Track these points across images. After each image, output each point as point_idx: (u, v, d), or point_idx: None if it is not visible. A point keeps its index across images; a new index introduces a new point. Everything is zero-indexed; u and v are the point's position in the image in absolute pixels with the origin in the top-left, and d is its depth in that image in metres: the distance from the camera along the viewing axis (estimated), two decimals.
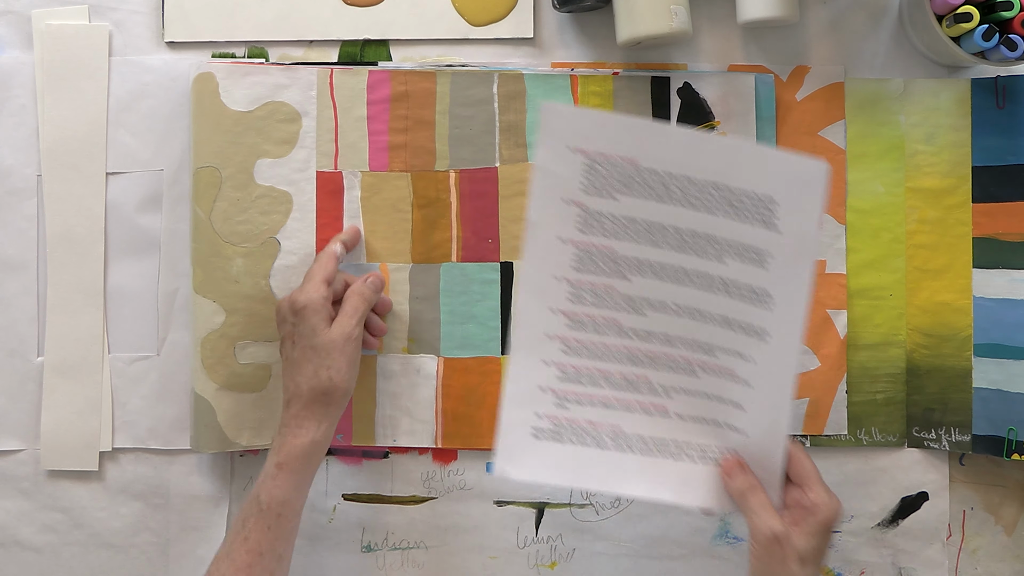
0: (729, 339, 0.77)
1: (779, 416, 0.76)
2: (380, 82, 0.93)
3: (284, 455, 0.82)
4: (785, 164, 0.72)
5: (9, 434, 0.95)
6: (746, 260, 0.74)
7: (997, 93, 0.92)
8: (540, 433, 0.79)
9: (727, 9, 0.93)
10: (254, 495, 0.81)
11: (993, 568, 0.93)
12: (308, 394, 0.83)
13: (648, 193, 0.74)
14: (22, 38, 0.96)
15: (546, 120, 0.74)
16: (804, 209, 0.72)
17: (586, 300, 0.77)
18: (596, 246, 0.76)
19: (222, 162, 0.91)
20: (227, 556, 0.79)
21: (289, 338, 0.85)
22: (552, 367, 0.79)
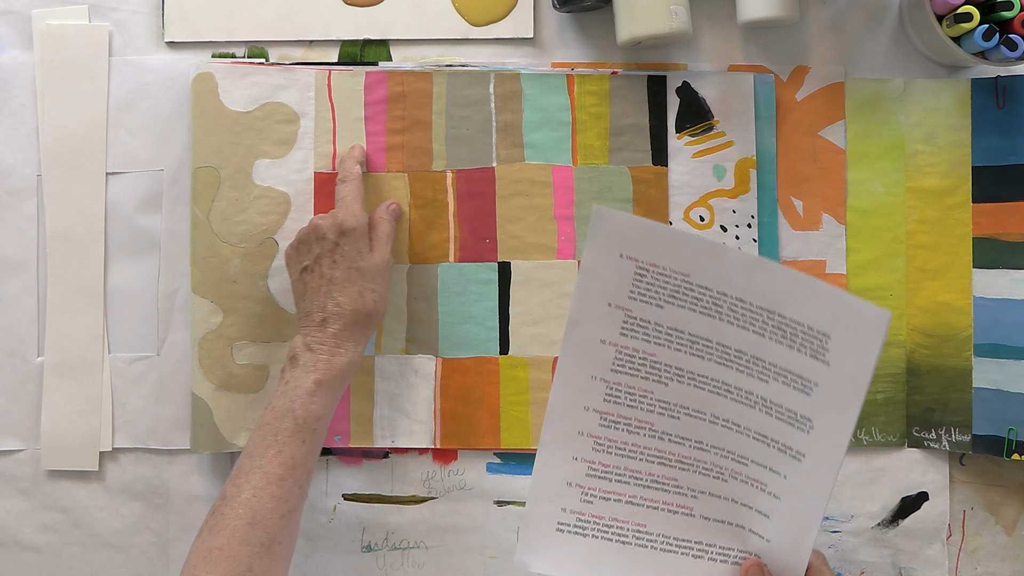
0: (763, 453, 0.76)
1: (806, 532, 0.76)
2: (377, 83, 0.93)
3: (323, 373, 0.81)
4: (846, 306, 0.71)
5: (9, 434, 0.95)
6: (790, 385, 0.74)
7: (997, 93, 0.92)
8: (564, 527, 0.80)
9: (727, 9, 0.93)
10: (285, 409, 0.80)
11: (993, 568, 0.93)
12: (351, 315, 0.83)
13: (697, 307, 0.74)
14: (22, 38, 0.96)
15: (597, 224, 0.73)
16: (859, 351, 0.71)
17: (622, 401, 0.77)
18: (637, 350, 0.76)
19: (220, 162, 0.91)
20: (259, 468, 0.78)
21: (328, 256, 0.84)
22: (582, 463, 0.79)
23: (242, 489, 0.77)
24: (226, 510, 0.76)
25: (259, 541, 0.76)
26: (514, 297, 0.93)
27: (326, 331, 0.83)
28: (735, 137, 0.92)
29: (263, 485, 0.77)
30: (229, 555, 0.75)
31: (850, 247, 0.93)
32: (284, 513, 0.78)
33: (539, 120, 0.93)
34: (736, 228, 0.92)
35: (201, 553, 0.75)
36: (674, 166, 0.93)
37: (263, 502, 0.77)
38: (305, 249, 0.85)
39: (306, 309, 0.84)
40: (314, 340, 0.83)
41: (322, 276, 0.84)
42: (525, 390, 0.93)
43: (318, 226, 0.84)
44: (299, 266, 0.86)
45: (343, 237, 0.84)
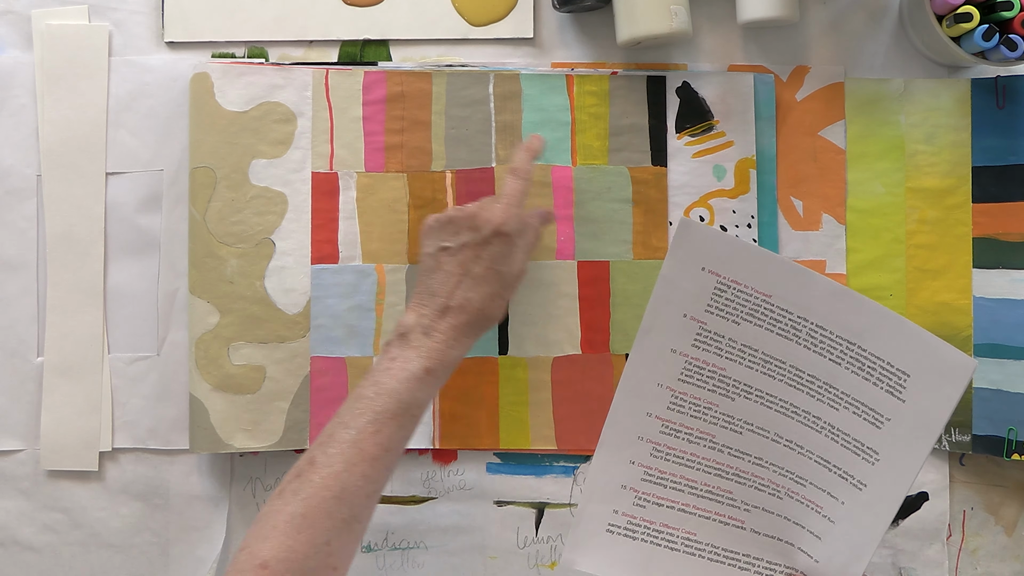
0: (823, 477, 0.77)
1: (857, 560, 0.76)
2: (376, 83, 0.93)
3: (436, 362, 0.79)
4: (932, 349, 0.72)
5: (9, 434, 0.95)
6: (861, 416, 0.75)
7: (997, 93, 0.92)
8: (615, 529, 0.80)
9: (727, 9, 0.93)
10: (391, 389, 0.77)
11: (993, 568, 0.93)
12: (476, 315, 0.81)
13: (775, 328, 0.75)
14: (22, 38, 0.96)
15: (682, 235, 0.73)
16: (939, 395, 0.72)
17: (685, 410, 0.78)
18: (708, 363, 0.77)
19: (217, 162, 0.91)
20: (354, 443, 0.76)
21: (474, 249, 0.81)
22: (639, 467, 0.79)
23: (334, 460, 0.75)
24: (315, 477, 0.74)
25: (342, 516, 0.74)
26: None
27: (446, 320, 0.80)
28: (735, 137, 0.92)
29: (356, 461, 0.75)
30: (312, 523, 0.72)
31: (850, 247, 0.93)
32: (370, 493, 0.76)
33: (539, 120, 0.93)
34: (736, 228, 0.92)
35: (283, 515, 0.73)
36: (674, 166, 0.93)
37: (354, 478, 0.75)
38: (453, 230, 0.82)
39: (431, 289, 0.82)
40: (432, 325, 0.80)
41: (462, 266, 0.82)
42: (524, 390, 0.93)
43: (476, 217, 0.82)
44: (439, 243, 0.83)
45: (497, 238, 0.81)
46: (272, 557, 0.70)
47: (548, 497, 0.94)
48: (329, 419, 0.91)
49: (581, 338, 0.93)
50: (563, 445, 0.93)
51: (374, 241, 0.93)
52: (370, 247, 0.93)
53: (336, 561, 0.74)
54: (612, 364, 0.93)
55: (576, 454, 0.94)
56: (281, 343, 0.92)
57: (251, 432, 0.92)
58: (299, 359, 0.92)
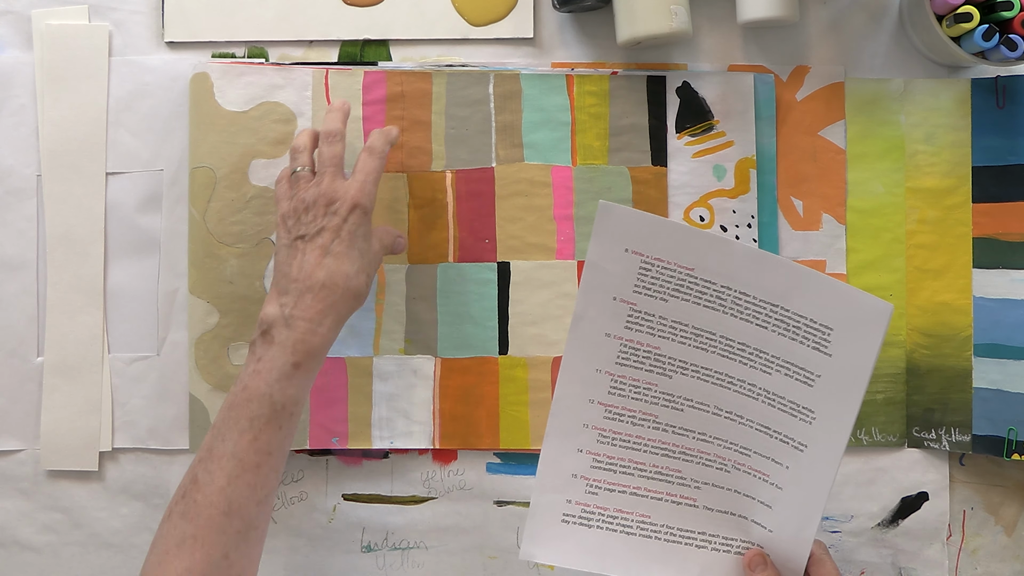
0: (765, 444, 0.78)
1: (808, 522, 0.77)
2: (376, 83, 0.93)
3: (302, 355, 0.77)
4: (849, 299, 0.73)
5: (9, 434, 0.95)
6: (793, 376, 0.75)
7: (997, 93, 0.92)
8: (569, 518, 0.80)
9: (727, 9, 0.93)
10: (261, 393, 0.76)
11: (993, 568, 0.93)
12: (341, 293, 0.79)
13: (701, 300, 0.75)
14: (22, 38, 0.96)
15: (602, 219, 0.74)
16: (861, 343, 0.73)
17: (626, 393, 0.78)
18: (642, 344, 0.77)
19: (216, 162, 0.91)
20: (233, 455, 0.75)
21: (333, 231, 0.80)
22: (587, 455, 0.80)
23: (215, 476, 0.74)
24: (199, 497, 0.74)
25: (235, 529, 0.74)
26: (513, 297, 0.93)
27: (307, 303, 0.78)
28: (735, 137, 0.92)
29: (238, 473, 0.75)
30: (204, 543, 0.73)
31: (850, 247, 0.93)
32: (260, 499, 0.75)
33: (538, 120, 0.93)
34: (736, 228, 0.92)
35: (174, 539, 0.73)
36: (674, 166, 0.93)
37: (239, 490, 0.74)
38: (308, 218, 0.81)
39: (290, 275, 0.80)
40: (294, 313, 0.78)
41: (321, 248, 0.80)
42: (524, 390, 0.93)
43: (332, 195, 0.81)
44: (296, 233, 0.81)
45: (352, 213, 0.80)
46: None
47: None
48: (329, 420, 0.92)
49: None
50: None
51: None
52: None
53: (239, 570, 0.74)
54: None
55: None
56: None
57: None
58: None
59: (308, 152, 0.86)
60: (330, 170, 0.83)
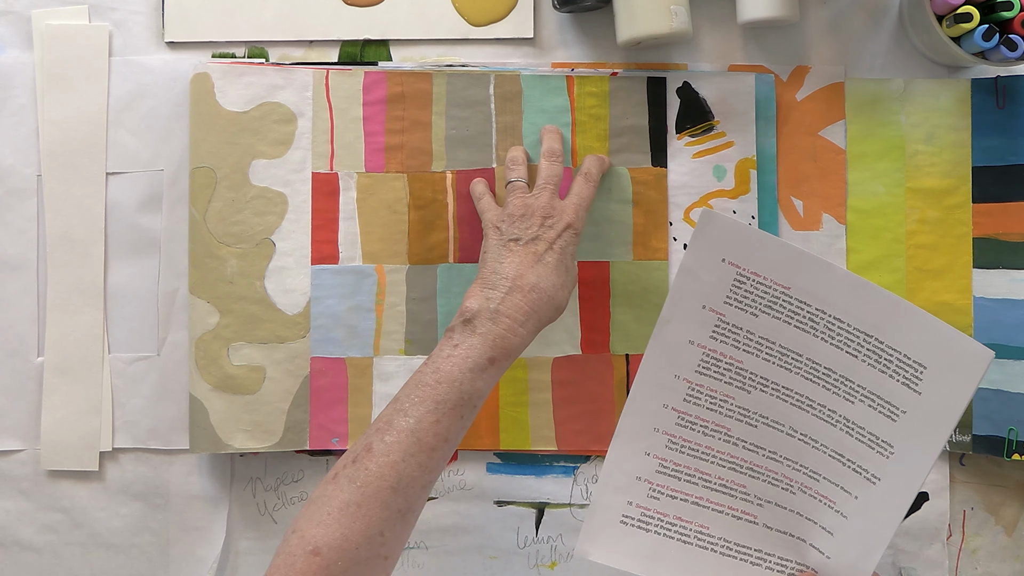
0: (837, 472, 0.77)
1: (870, 554, 0.76)
2: (376, 83, 0.93)
3: (500, 351, 0.78)
4: (948, 340, 0.72)
5: (9, 434, 0.95)
6: (876, 409, 0.75)
7: (997, 93, 0.92)
8: (628, 520, 0.80)
9: (727, 9, 0.93)
10: (453, 379, 0.76)
11: (993, 568, 0.93)
12: (546, 300, 0.80)
13: (793, 320, 0.75)
14: (22, 38, 0.96)
15: (703, 227, 0.74)
16: (955, 386, 0.72)
17: (702, 403, 0.78)
18: (725, 355, 0.77)
19: (217, 163, 0.91)
20: (413, 433, 0.74)
21: (547, 242, 0.82)
22: (654, 459, 0.80)
23: (392, 449, 0.74)
24: (371, 466, 0.73)
25: (398, 507, 0.73)
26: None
27: (515, 302, 0.79)
28: (735, 137, 0.92)
29: (415, 452, 0.74)
30: (367, 513, 0.72)
31: (850, 247, 0.93)
32: (426, 483, 0.75)
33: (539, 121, 0.93)
34: None
35: (337, 502, 0.72)
36: (674, 166, 0.93)
37: (411, 469, 0.74)
38: (525, 225, 0.83)
39: (500, 272, 0.81)
40: (500, 308, 0.79)
41: (535, 254, 0.82)
42: (524, 391, 0.93)
43: (550, 210, 0.83)
44: (509, 236, 0.83)
45: (567, 231, 0.83)
46: (325, 544, 0.70)
47: (548, 497, 0.94)
48: (329, 421, 0.92)
49: (581, 338, 0.93)
50: (563, 446, 0.93)
51: (374, 242, 0.93)
52: (370, 248, 0.93)
53: (388, 551, 0.73)
54: (612, 365, 0.93)
55: (576, 454, 0.94)
56: (281, 343, 0.92)
57: (251, 432, 0.92)
58: (299, 359, 0.92)
59: (524, 166, 0.89)
60: (550, 187, 0.85)
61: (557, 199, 0.85)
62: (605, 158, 0.91)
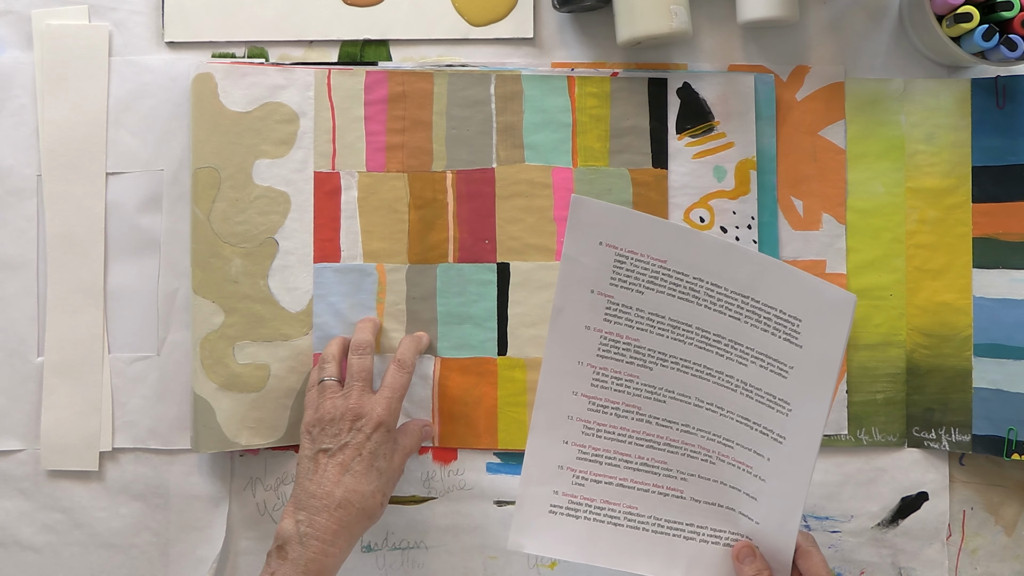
0: (747, 436, 0.78)
1: (791, 515, 0.77)
2: (377, 83, 0.93)
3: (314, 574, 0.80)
4: (814, 290, 0.73)
5: (9, 434, 0.95)
6: (767, 368, 0.76)
7: (997, 93, 0.92)
8: (557, 509, 0.81)
9: (727, 9, 0.93)
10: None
11: (993, 568, 0.93)
12: (356, 514, 0.82)
13: (675, 292, 0.76)
14: (22, 38, 0.96)
15: (575, 213, 0.75)
16: (829, 335, 0.73)
17: (608, 385, 0.79)
18: (621, 336, 0.78)
19: (220, 162, 0.91)
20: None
21: (355, 449, 0.83)
22: (572, 447, 0.80)
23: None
24: None
25: None
26: (513, 298, 0.93)
27: (323, 523, 0.81)
28: (735, 138, 0.92)
29: None
30: None
31: (850, 247, 0.93)
32: None
33: (539, 121, 0.93)
34: (736, 229, 0.92)
35: None
36: (674, 167, 0.93)
37: None
38: (333, 431, 0.84)
39: (309, 491, 0.82)
40: (309, 531, 0.80)
41: (342, 465, 0.83)
42: (523, 391, 0.93)
43: (357, 412, 0.84)
44: (318, 446, 0.84)
45: (376, 431, 0.83)
46: None
47: None
48: None
49: None
50: None
51: (375, 241, 0.93)
52: (371, 246, 0.93)
53: None
54: None
55: None
56: (284, 341, 0.92)
57: (256, 429, 0.92)
58: (302, 356, 0.93)
59: (336, 362, 0.89)
60: (358, 384, 0.86)
61: (368, 396, 0.85)
62: (422, 338, 0.92)
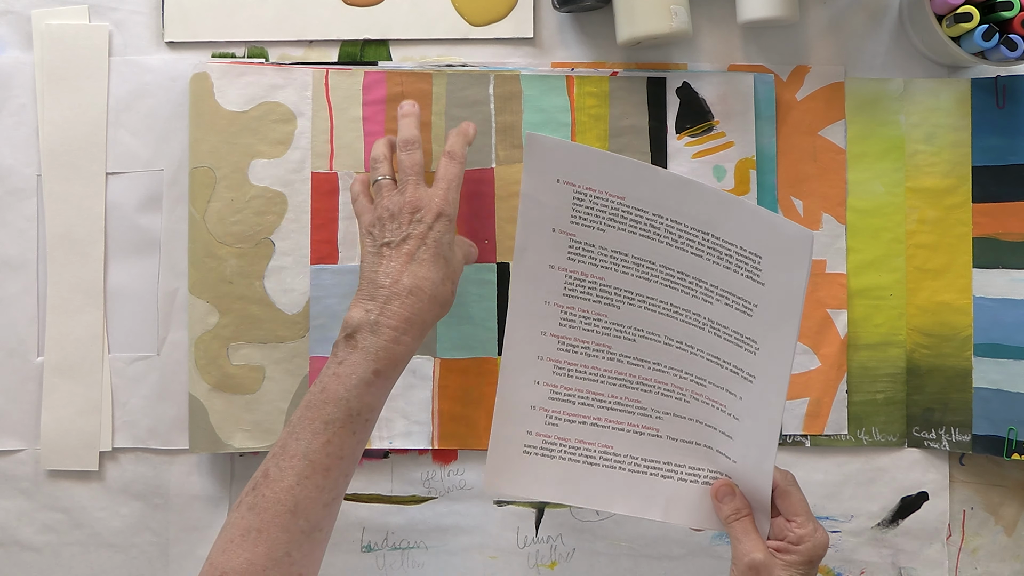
0: (717, 374, 0.78)
1: (765, 451, 0.77)
2: (376, 83, 0.93)
3: (384, 363, 0.77)
4: (772, 227, 0.72)
5: (9, 434, 0.95)
6: (732, 306, 0.75)
7: (997, 93, 0.92)
8: (531, 450, 0.81)
9: (727, 9, 0.93)
10: (339, 398, 0.75)
11: (993, 568, 0.93)
12: (427, 301, 0.79)
13: (636, 229, 0.75)
14: (22, 38, 0.96)
15: (531, 150, 0.74)
16: (790, 271, 0.72)
17: (577, 324, 0.78)
18: (586, 274, 0.77)
19: (217, 162, 0.91)
20: (304, 456, 0.74)
21: (418, 238, 0.80)
22: (544, 387, 0.80)
23: (286, 474, 0.74)
24: (268, 492, 0.74)
25: (300, 529, 0.73)
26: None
27: (394, 311, 0.78)
28: (735, 137, 0.92)
29: (308, 474, 0.74)
30: (268, 538, 0.72)
31: (850, 247, 0.93)
32: (327, 502, 0.75)
33: (539, 121, 0.93)
34: None
35: (239, 529, 0.73)
36: (674, 167, 0.93)
37: (307, 491, 0.74)
38: (394, 225, 0.81)
39: (376, 281, 0.79)
40: (381, 319, 0.77)
41: (408, 254, 0.79)
42: None
43: (416, 204, 0.81)
44: (381, 240, 0.81)
45: (438, 221, 0.81)
46: (232, 569, 0.71)
47: None
48: None
49: None
50: None
51: None
52: None
53: (300, 569, 0.74)
54: None
55: None
56: (280, 343, 0.92)
57: (250, 432, 0.92)
58: (298, 359, 0.92)
59: (388, 161, 0.86)
60: (412, 178, 0.83)
61: (423, 189, 0.82)
62: (470, 128, 0.88)
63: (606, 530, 0.94)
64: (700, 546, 0.94)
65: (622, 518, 0.93)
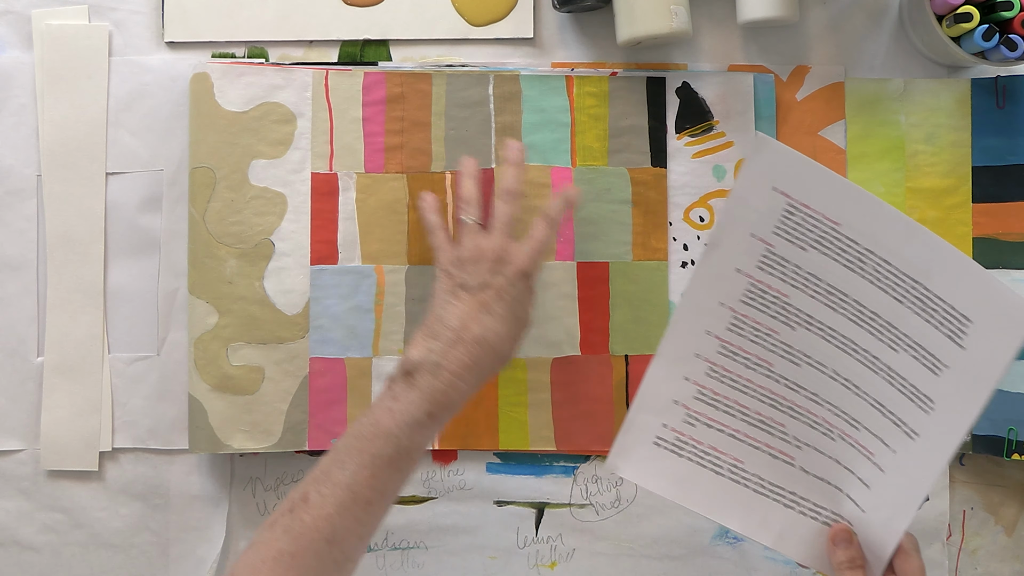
0: (877, 422, 0.75)
1: (903, 513, 0.74)
2: (376, 83, 0.93)
3: (439, 406, 0.76)
4: (996, 294, 0.69)
5: (9, 434, 0.95)
6: (920, 360, 0.72)
7: (997, 93, 0.92)
8: (662, 442, 0.79)
9: (727, 9, 0.93)
10: (389, 433, 0.74)
11: (993, 568, 0.93)
12: (490, 353, 0.78)
13: (841, 258, 0.73)
14: (22, 38, 0.96)
15: (756, 152, 0.72)
16: (998, 343, 0.69)
17: (745, 334, 0.76)
18: (771, 287, 0.75)
19: (217, 163, 0.91)
20: (348, 487, 0.73)
21: (495, 291, 0.79)
22: (692, 385, 0.78)
23: (327, 501, 0.73)
24: (306, 518, 0.72)
25: (333, 559, 0.72)
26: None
27: (457, 354, 0.77)
28: (735, 137, 0.92)
29: (350, 505, 0.73)
30: (300, 564, 0.71)
31: None
32: (363, 535, 0.74)
33: (538, 121, 0.93)
34: None
35: (272, 550, 0.71)
36: (674, 166, 0.93)
37: (346, 522, 0.73)
38: (474, 270, 0.81)
39: (444, 322, 0.79)
40: (442, 363, 0.77)
41: (482, 304, 0.79)
42: (523, 391, 0.93)
43: (502, 258, 0.81)
44: (457, 281, 0.81)
45: (520, 280, 0.80)
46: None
47: (548, 497, 0.94)
48: (328, 421, 0.91)
49: (580, 339, 0.93)
50: (562, 446, 0.93)
51: (373, 242, 0.93)
52: (369, 248, 0.93)
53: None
54: (611, 365, 0.93)
55: (576, 454, 0.94)
56: (280, 344, 0.92)
57: (250, 433, 0.92)
58: (298, 360, 0.92)
59: (479, 206, 0.86)
60: (505, 229, 0.83)
61: (512, 242, 0.82)
62: (577, 196, 0.87)
63: (606, 530, 0.94)
64: (700, 546, 0.94)
65: (622, 518, 0.93)
